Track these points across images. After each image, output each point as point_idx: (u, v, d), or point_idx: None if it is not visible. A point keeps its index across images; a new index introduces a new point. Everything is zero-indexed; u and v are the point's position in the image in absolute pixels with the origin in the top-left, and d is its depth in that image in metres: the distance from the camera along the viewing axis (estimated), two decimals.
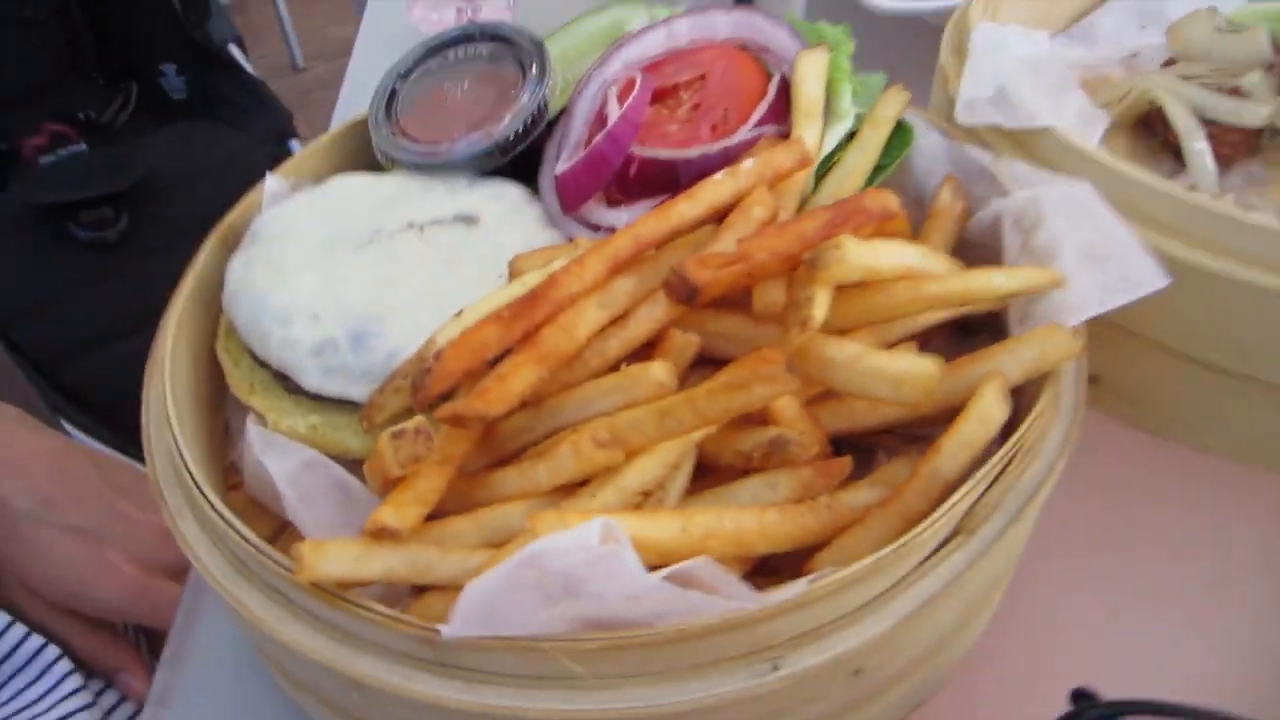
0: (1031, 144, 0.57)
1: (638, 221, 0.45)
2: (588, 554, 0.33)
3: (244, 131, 2.03)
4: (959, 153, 0.55)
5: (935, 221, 0.52)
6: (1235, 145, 0.64)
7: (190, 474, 0.41)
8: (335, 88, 1.15)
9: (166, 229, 1.86)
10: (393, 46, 1.11)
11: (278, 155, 2.04)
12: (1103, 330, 0.54)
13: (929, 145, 0.56)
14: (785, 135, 0.51)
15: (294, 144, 2.08)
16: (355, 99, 1.01)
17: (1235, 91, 0.64)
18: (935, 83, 0.67)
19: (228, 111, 2.08)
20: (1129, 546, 0.55)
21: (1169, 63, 0.71)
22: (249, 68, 2.14)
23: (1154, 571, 0.54)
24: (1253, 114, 0.62)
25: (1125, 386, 0.57)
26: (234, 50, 2.11)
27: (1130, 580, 0.54)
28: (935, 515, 0.38)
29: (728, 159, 0.50)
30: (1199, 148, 0.61)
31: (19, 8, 2.09)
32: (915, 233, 0.53)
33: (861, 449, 0.48)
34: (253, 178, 0.61)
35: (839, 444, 0.47)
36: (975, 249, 0.52)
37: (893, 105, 0.53)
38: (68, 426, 1.67)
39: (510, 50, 0.61)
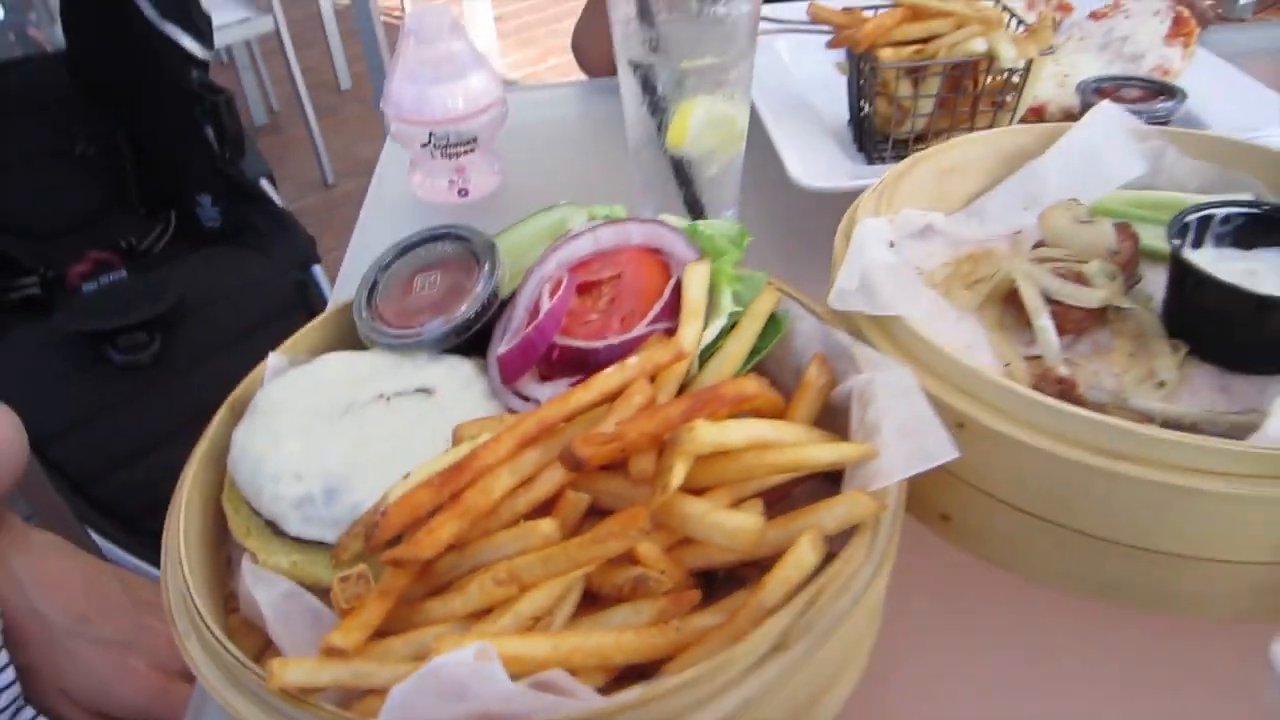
0: (888, 327, 0.72)
1: (544, 405, 0.60)
2: (468, 667, 0.47)
3: (269, 259, 2.24)
4: (828, 335, 0.70)
5: (803, 392, 0.67)
6: (1081, 320, 0.78)
7: (195, 606, 0.56)
8: (361, 204, 1.32)
9: (193, 351, 2.07)
10: (397, 205, 1.30)
11: (301, 280, 2.24)
12: (949, 479, 0.69)
13: (806, 328, 0.72)
14: (674, 330, 0.67)
15: (316, 269, 2.28)
16: (362, 250, 1.19)
17: (1080, 276, 0.79)
18: (832, 265, 0.83)
19: (256, 239, 2.29)
20: (970, 665, 0.68)
21: (1039, 244, 0.86)
22: (277, 199, 2.36)
23: (997, 692, 0.67)
24: (1090, 297, 0.77)
25: (970, 525, 0.71)
26: (265, 184, 2.32)
27: (974, 697, 0.67)
28: (752, 635, 0.52)
29: (626, 350, 0.66)
30: (1044, 324, 0.76)
31: (71, 144, 2.36)
32: (790, 399, 0.68)
33: (735, 579, 0.62)
34: (273, 303, 0.76)
35: (714, 575, 0.62)
36: (839, 415, 0.67)
37: (766, 302, 0.69)
38: (93, 534, 1.85)
39: (469, 248, 0.77)
